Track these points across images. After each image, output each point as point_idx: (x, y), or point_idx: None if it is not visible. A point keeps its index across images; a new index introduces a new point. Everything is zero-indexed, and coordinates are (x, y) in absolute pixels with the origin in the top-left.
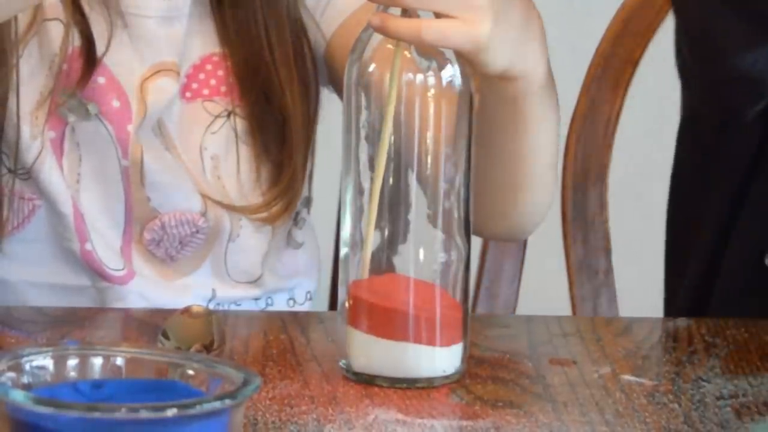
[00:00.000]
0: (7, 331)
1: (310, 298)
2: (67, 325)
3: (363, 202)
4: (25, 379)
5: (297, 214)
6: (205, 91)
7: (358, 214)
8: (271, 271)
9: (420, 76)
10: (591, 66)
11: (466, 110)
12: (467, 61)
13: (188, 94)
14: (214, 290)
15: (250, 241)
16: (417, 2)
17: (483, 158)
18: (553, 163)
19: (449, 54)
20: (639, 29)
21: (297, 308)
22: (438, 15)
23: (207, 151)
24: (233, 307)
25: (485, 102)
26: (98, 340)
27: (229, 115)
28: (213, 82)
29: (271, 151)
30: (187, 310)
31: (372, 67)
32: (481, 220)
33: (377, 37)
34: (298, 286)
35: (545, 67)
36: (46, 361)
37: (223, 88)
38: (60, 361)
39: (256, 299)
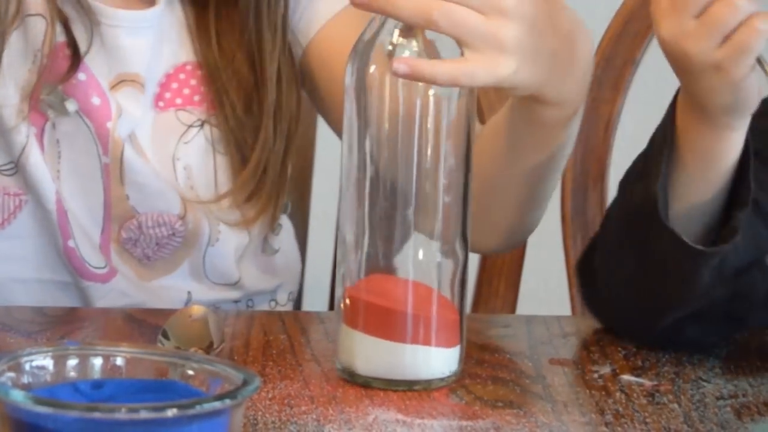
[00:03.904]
0: (7, 331)
1: (292, 299)
2: (67, 326)
3: (361, 202)
4: (25, 379)
5: (275, 218)
6: (178, 101)
7: (357, 214)
8: (248, 274)
9: None
10: None
11: (466, 113)
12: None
13: (161, 104)
14: (189, 293)
15: (228, 245)
16: (449, 29)
17: (498, 176)
18: (559, 179)
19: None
20: (639, 29)
21: (279, 309)
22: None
23: (180, 161)
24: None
25: (512, 121)
26: (98, 340)
27: (202, 125)
28: (186, 91)
29: (247, 160)
30: (187, 311)
31: (372, 69)
32: (482, 235)
33: (378, 38)
34: (279, 288)
35: (583, 97)
36: (46, 361)
37: (196, 98)
38: (60, 361)
39: (236, 301)
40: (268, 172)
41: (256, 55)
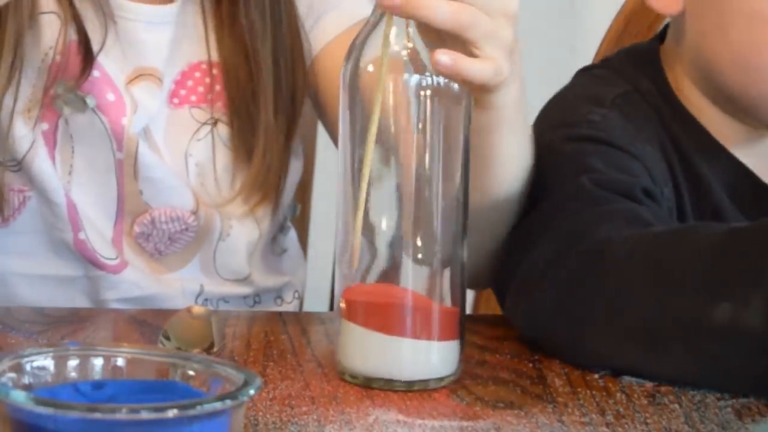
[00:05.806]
0: (7, 332)
1: (298, 297)
2: (68, 326)
3: (358, 204)
4: (25, 380)
5: (284, 219)
6: (193, 98)
7: (354, 217)
8: (258, 271)
9: (416, 77)
10: None
11: (463, 111)
12: (476, 91)
13: (176, 101)
14: (202, 285)
15: (239, 241)
16: (467, 31)
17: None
18: (519, 199)
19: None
20: (639, 30)
21: (285, 307)
22: (452, 40)
23: (192, 157)
24: (222, 304)
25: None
26: (99, 341)
27: (215, 123)
28: (200, 89)
29: (251, 158)
30: (188, 311)
31: (369, 68)
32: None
33: (374, 39)
34: (285, 287)
35: (518, 95)
36: (47, 362)
37: (209, 96)
38: (61, 362)
39: (245, 297)
40: (272, 153)
41: (248, 41)
